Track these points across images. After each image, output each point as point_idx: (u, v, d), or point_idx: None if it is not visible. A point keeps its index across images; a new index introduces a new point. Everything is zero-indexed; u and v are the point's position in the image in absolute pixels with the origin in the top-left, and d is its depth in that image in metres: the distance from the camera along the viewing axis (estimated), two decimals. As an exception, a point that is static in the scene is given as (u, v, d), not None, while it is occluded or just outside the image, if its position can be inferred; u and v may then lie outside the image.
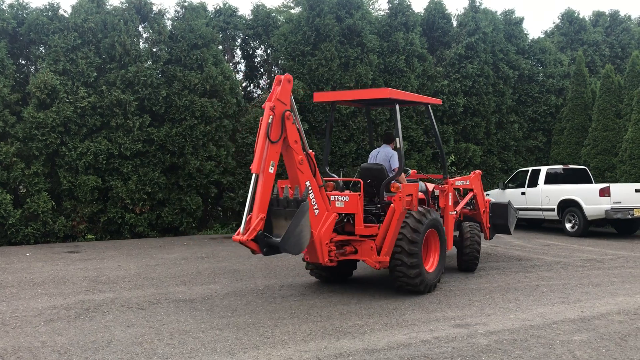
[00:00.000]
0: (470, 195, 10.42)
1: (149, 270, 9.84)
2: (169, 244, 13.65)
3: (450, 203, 9.23)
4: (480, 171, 10.87)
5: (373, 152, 8.95)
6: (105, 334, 6.00)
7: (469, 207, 10.47)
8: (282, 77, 6.80)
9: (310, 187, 6.95)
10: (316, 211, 7.01)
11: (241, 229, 6.36)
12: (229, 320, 6.48)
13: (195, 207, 15.52)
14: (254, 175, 6.45)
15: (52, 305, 7.30)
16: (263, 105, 6.74)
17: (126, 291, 8.14)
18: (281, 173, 10.94)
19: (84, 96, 14.32)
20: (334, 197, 7.57)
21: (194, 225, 16.05)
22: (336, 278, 8.58)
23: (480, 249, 9.89)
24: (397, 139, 7.94)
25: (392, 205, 7.42)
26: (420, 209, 7.78)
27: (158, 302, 7.46)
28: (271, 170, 6.58)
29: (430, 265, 7.97)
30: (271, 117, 6.59)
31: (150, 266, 10.32)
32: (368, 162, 8.78)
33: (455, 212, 9.53)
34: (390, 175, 8.17)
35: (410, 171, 10.26)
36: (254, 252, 6.51)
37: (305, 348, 5.47)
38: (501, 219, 10.82)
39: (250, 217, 6.38)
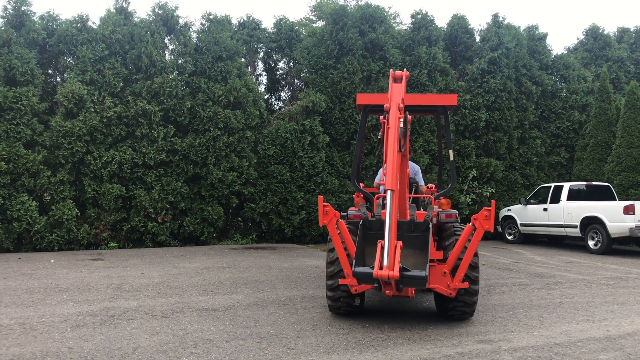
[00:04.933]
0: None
1: (172, 279, 9.94)
2: (190, 253, 13.76)
3: None
4: None
5: None
6: (131, 341, 6.07)
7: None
8: (402, 73, 6.00)
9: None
10: None
11: (385, 260, 5.08)
12: (251, 331, 6.51)
13: (217, 217, 15.65)
14: (388, 193, 5.43)
15: (77, 311, 7.41)
16: (386, 106, 5.74)
17: (150, 299, 8.22)
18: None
19: (110, 106, 14.57)
20: None
21: (215, 235, 16.18)
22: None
23: None
24: (451, 150, 7.18)
25: (471, 224, 6.10)
26: None
27: (181, 310, 7.52)
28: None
29: None
30: (402, 120, 5.60)
31: (173, 275, 10.41)
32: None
33: None
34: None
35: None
36: (378, 289, 5.47)
37: (329, 360, 5.48)
38: None
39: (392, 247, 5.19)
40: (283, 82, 19.69)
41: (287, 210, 16.45)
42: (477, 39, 19.67)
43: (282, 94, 20.03)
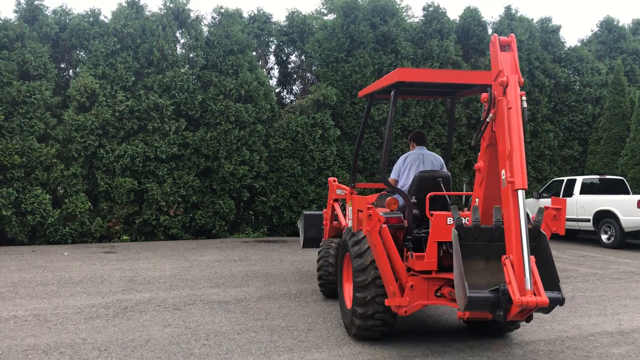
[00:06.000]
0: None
1: (184, 272, 10.00)
2: (202, 247, 13.83)
3: None
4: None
5: (413, 157, 6.59)
6: (143, 333, 6.13)
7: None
8: (509, 38, 4.79)
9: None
10: None
11: (527, 283, 3.95)
12: (263, 323, 6.55)
13: (228, 210, 15.71)
14: (520, 193, 4.22)
15: (90, 303, 7.48)
16: (500, 79, 4.46)
17: (162, 292, 8.28)
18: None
19: (122, 100, 14.64)
20: (450, 219, 5.20)
21: (226, 228, 16.24)
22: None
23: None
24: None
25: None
26: None
27: (193, 303, 7.57)
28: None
29: None
30: (524, 98, 4.46)
31: (185, 268, 10.48)
32: (414, 168, 6.47)
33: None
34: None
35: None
36: (529, 318, 4.31)
37: (340, 353, 5.50)
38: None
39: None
40: (295, 76, 19.67)
41: (298, 204, 16.47)
42: (490, 31, 19.53)
43: (294, 87, 20.02)
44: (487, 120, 4.55)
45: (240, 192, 16.00)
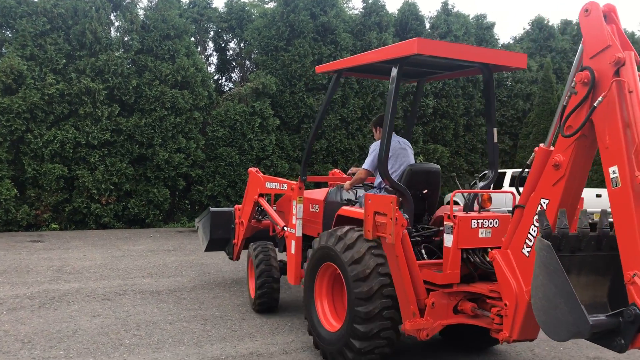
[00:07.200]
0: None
1: (115, 262, 9.74)
2: (135, 236, 13.51)
3: None
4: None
5: (393, 146, 5.35)
6: (71, 323, 5.94)
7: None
8: (609, 5, 3.70)
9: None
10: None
11: None
12: (196, 313, 6.47)
13: (163, 199, 15.39)
14: None
15: (14, 294, 7.18)
16: (615, 55, 3.47)
17: (92, 282, 8.05)
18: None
19: (52, 83, 14.05)
20: (475, 222, 4.50)
21: (160, 217, 15.92)
22: None
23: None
24: (495, 129, 5.44)
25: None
26: None
27: (124, 293, 7.40)
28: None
29: None
30: None
31: (116, 257, 10.21)
32: (399, 160, 5.52)
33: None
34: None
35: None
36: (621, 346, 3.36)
37: (273, 341, 5.51)
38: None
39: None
40: (234, 63, 19.45)
41: (236, 194, 16.32)
42: (427, 26, 19.91)
43: (233, 75, 19.80)
44: (595, 105, 3.59)
45: (175, 181, 15.70)
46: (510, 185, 16.02)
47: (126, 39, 15.49)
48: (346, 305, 4.65)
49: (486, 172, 5.66)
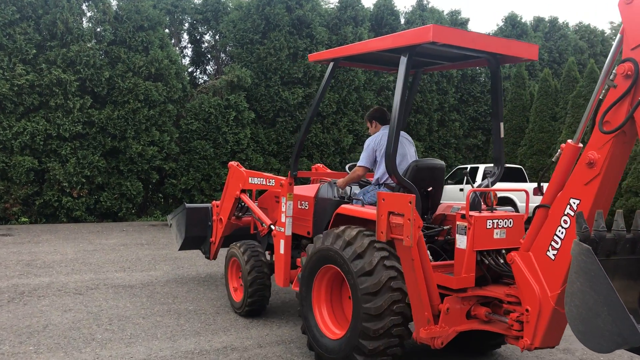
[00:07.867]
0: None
1: (87, 256, 9.61)
2: (107, 230, 13.35)
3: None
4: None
5: (376, 138, 5.27)
6: (41, 318, 5.85)
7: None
8: None
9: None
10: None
11: None
12: (169, 307, 6.43)
13: (136, 192, 15.22)
14: None
15: (-17, 288, 7.05)
16: None
17: (63, 276, 7.93)
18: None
19: (21, 73, 13.76)
20: (490, 222, 4.29)
21: (133, 211, 15.75)
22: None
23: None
24: (502, 123, 5.10)
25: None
26: None
27: (96, 287, 7.31)
28: None
29: None
30: None
31: (88, 251, 10.08)
32: (400, 155, 5.14)
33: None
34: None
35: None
36: None
37: (247, 335, 5.51)
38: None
39: None
40: (209, 56, 19.30)
41: (210, 187, 16.23)
42: (403, 21, 19.99)
43: (208, 67, 19.65)
44: (601, 97, 3.44)
45: (148, 174, 15.54)
46: (483, 180, 16.22)
47: (98, 29, 15.25)
48: (346, 307, 4.48)
49: (479, 166, 5.66)
